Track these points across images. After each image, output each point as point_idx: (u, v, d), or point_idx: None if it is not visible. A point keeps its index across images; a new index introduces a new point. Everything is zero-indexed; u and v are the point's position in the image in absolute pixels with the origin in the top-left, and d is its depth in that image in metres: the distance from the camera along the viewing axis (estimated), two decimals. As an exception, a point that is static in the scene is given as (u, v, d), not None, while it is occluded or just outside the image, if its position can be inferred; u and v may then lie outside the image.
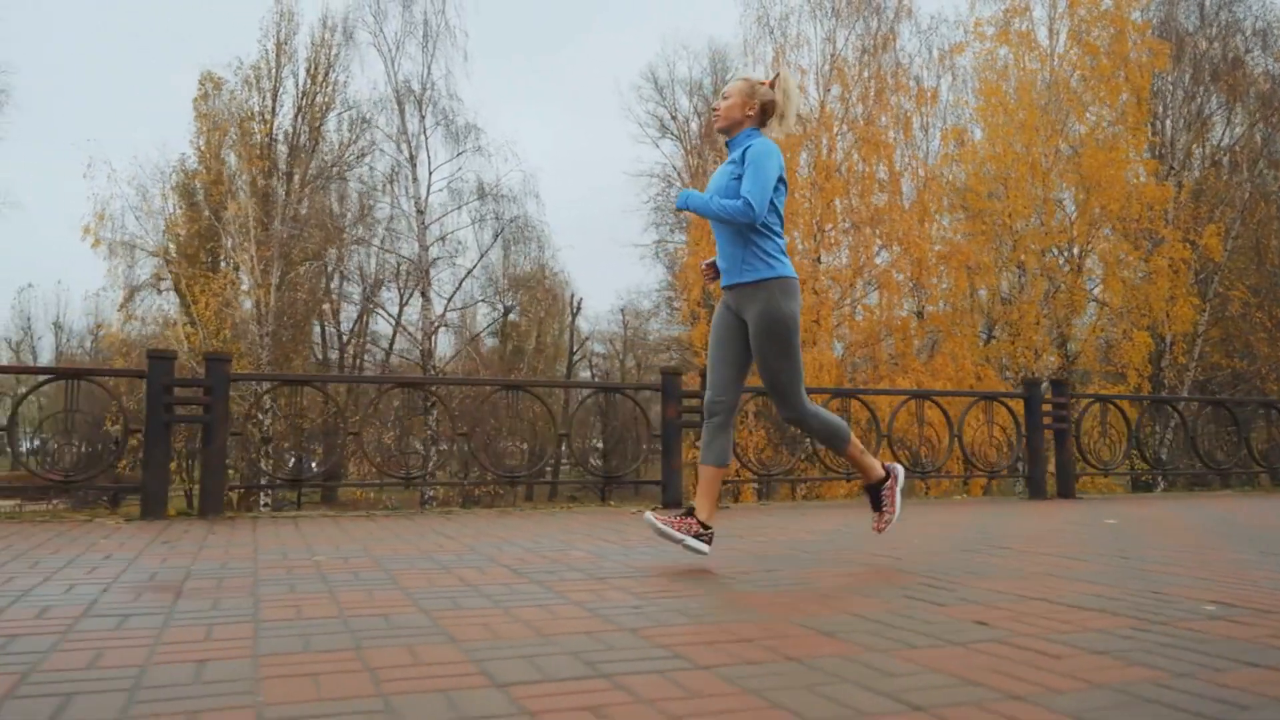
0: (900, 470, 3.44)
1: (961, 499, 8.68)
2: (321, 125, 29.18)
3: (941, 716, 1.42)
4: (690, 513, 3.22)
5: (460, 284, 23.72)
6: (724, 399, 3.24)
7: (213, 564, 3.26)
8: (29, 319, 47.39)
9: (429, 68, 23.11)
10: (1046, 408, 7.81)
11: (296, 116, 29.29)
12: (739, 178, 3.16)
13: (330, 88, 29.49)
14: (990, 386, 17.22)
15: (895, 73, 18.78)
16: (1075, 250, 19.45)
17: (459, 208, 23.81)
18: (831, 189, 17.55)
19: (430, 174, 22.69)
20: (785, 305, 3.14)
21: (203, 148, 29.16)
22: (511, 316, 30.80)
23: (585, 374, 40.93)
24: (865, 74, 18.46)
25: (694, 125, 30.89)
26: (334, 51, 29.65)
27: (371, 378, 16.75)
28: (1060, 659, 1.80)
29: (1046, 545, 3.90)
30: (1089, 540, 4.11)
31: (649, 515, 3.23)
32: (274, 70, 29.65)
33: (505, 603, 2.45)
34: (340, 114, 29.23)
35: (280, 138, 29.34)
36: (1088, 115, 19.57)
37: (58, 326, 47.98)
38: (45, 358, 47.58)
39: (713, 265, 3.32)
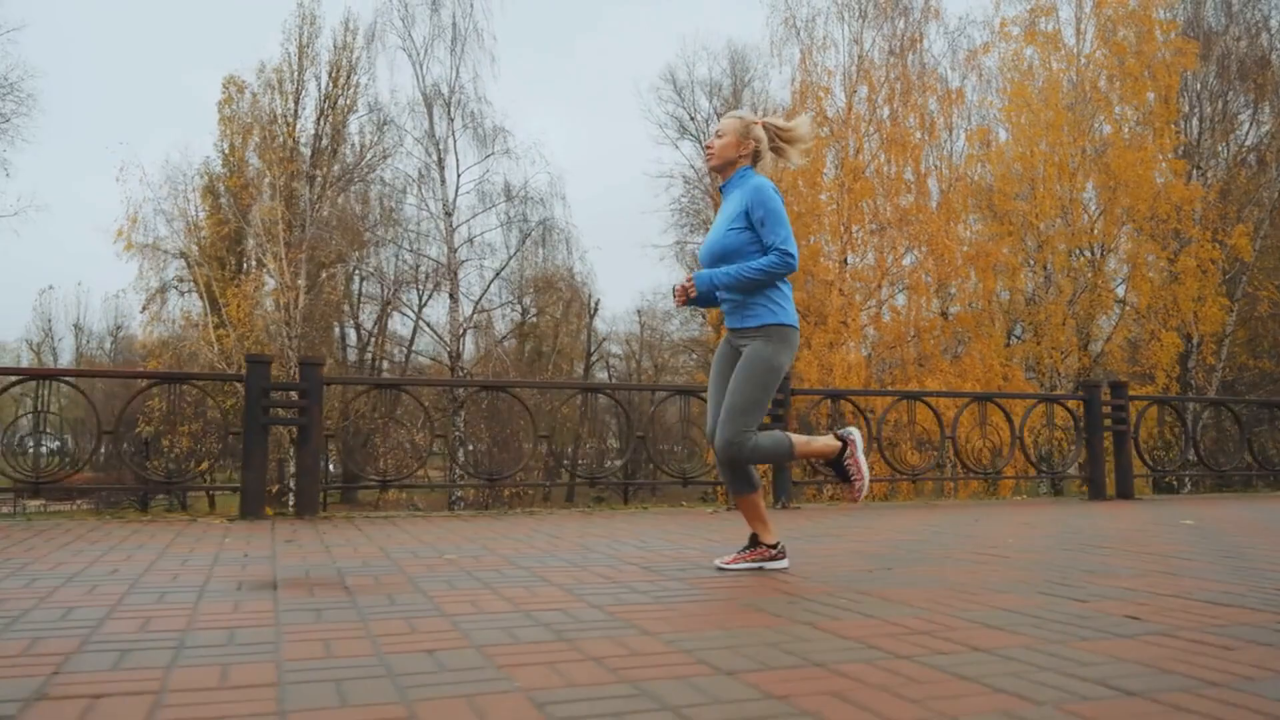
0: (856, 434, 3.32)
1: (1022, 499, 8.81)
2: (344, 128, 29.49)
3: (1169, 702, 1.54)
4: (753, 544, 3.25)
5: (489, 285, 23.84)
6: None
7: (353, 561, 3.41)
8: (50, 320, 47.84)
9: (457, 70, 23.31)
10: (1106, 409, 7.90)
11: (319, 119, 29.60)
12: (742, 228, 3.11)
13: (352, 90, 29.83)
14: (1017, 388, 17.30)
15: (922, 74, 18.86)
16: (1100, 250, 19.51)
17: (487, 210, 23.94)
18: (859, 190, 17.64)
19: (459, 176, 22.91)
20: (778, 354, 3.11)
21: (227, 151, 29.50)
22: (530, 317, 31.00)
23: (601, 375, 41.08)
24: (892, 75, 18.56)
25: (713, 126, 31.03)
26: (355, 55, 29.97)
27: (461, 381, 16.90)
28: (1232, 650, 1.91)
29: (1143, 544, 4.01)
30: (1181, 539, 4.22)
31: (718, 564, 3.24)
32: (296, 73, 29.96)
33: (666, 599, 2.58)
34: (362, 116, 29.47)
35: (303, 140, 29.64)
36: (1114, 115, 19.63)
37: (78, 328, 48.50)
38: (65, 359, 48.04)
39: (685, 290, 3.21)
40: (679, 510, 6.63)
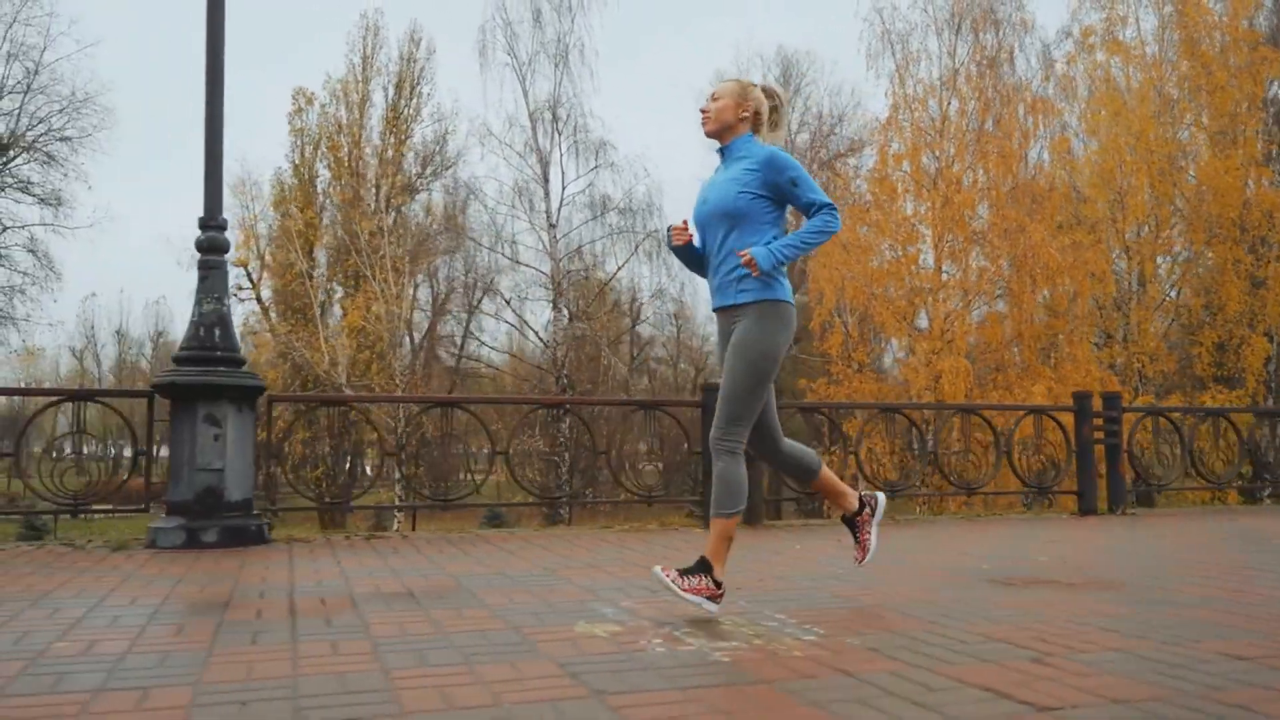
0: (882, 501, 3.21)
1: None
2: (408, 137, 30.20)
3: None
4: (702, 569, 2.86)
5: (597, 294, 24.11)
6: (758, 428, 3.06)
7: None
8: (93, 327, 48.80)
9: (560, 85, 23.64)
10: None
11: (385, 130, 30.37)
12: (755, 194, 2.91)
13: (417, 101, 30.53)
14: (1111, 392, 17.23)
15: (1014, 84, 19.24)
16: (1188, 256, 19.89)
17: (590, 220, 24.26)
18: (960, 201, 17.87)
19: (564, 189, 23.33)
20: (771, 331, 2.88)
21: (297, 161, 30.42)
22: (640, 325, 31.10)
23: (644, 382, 40.43)
24: (985, 86, 18.89)
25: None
26: (420, 66, 30.68)
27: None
28: None
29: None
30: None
31: (656, 571, 2.85)
32: (361, 84, 30.78)
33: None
34: (426, 126, 30.09)
35: (369, 150, 30.43)
36: (1200, 123, 19.98)
37: (120, 335, 49.84)
38: (107, 365, 49.55)
39: (685, 227, 3.04)
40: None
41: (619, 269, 25.17)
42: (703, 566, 2.82)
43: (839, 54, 56.46)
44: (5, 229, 26.03)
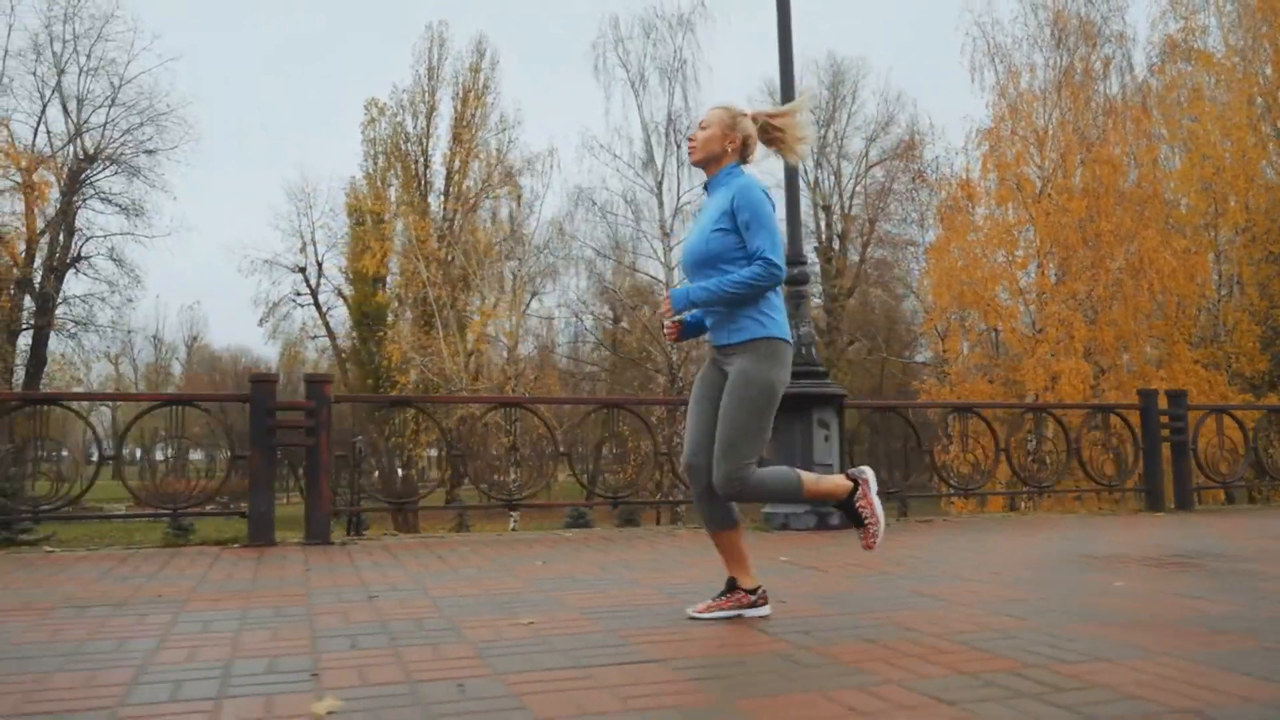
0: (869, 473, 3.01)
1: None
2: (475, 146, 30.55)
3: None
4: (730, 589, 2.97)
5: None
6: (702, 462, 2.89)
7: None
8: (129, 332, 49.24)
9: (672, 97, 24.47)
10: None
11: (453, 139, 30.74)
12: (727, 230, 2.82)
13: (483, 109, 30.88)
14: (1222, 393, 17.85)
15: (1112, 95, 20.05)
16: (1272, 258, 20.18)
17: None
18: (1074, 208, 18.28)
19: (678, 199, 24.06)
20: (769, 370, 2.80)
21: (371, 171, 30.87)
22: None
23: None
24: (1087, 97, 19.55)
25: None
26: (483, 76, 31.04)
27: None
28: None
29: None
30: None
31: (690, 613, 2.95)
32: (428, 95, 31.19)
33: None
34: (491, 134, 30.42)
35: (437, 159, 30.82)
36: None
37: (157, 340, 50.21)
38: (143, 370, 50.00)
39: (677, 324, 2.98)
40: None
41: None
42: (856, 519, 2.92)
43: (892, 59, 56.22)
44: (88, 239, 26.69)
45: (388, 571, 4.20)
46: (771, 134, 3.00)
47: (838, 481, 2.94)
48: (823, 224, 31.63)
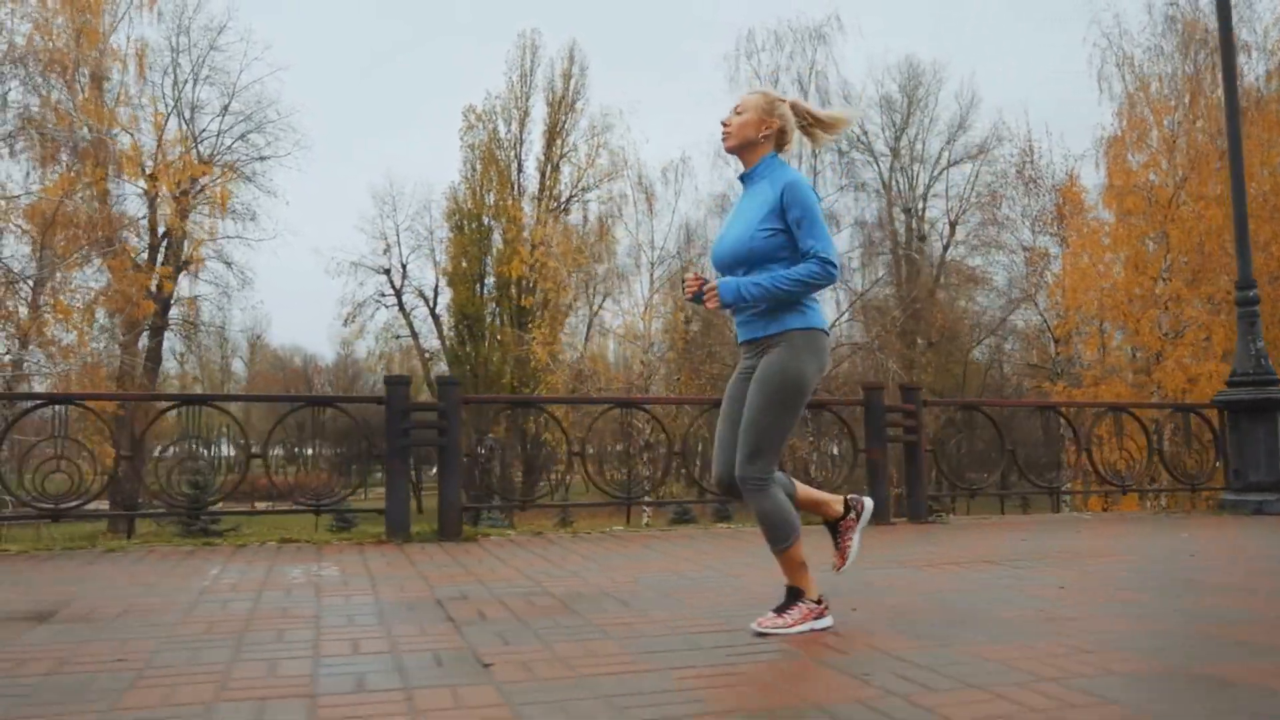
0: (869, 505, 2.99)
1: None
2: (567, 151, 30.96)
3: None
4: (794, 598, 2.80)
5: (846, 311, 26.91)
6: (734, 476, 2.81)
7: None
8: (195, 329, 50.12)
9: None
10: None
11: (547, 145, 31.20)
12: (775, 230, 2.72)
13: (576, 115, 31.26)
14: None
15: (1244, 101, 19.77)
16: None
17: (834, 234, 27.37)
18: (1210, 216, 18.58)
19: None
20: (802, 361, 2.71)
21: (470, 177, 31.50)
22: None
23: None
24: (1214, 104, 19.58)
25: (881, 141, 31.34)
26: (574, 83, 31.39)
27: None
28: None
29: None
30: None
31: (754, 626, 2.78)
32: (522, 101, 31.70)
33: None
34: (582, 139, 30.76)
35: (531, 164, 31.31)
36: None
37: (222, 338, 51.03)
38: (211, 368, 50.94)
39: (706, 288, 2.78)
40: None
41: (873, 284, 28.26)
42: (794, 596, 2.78)
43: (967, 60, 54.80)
44: (201, 242, 27.93)
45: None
46: (809, 129, 2.95)
47: (832, 501, 2.98)
48: (901, 226, 31.56)
